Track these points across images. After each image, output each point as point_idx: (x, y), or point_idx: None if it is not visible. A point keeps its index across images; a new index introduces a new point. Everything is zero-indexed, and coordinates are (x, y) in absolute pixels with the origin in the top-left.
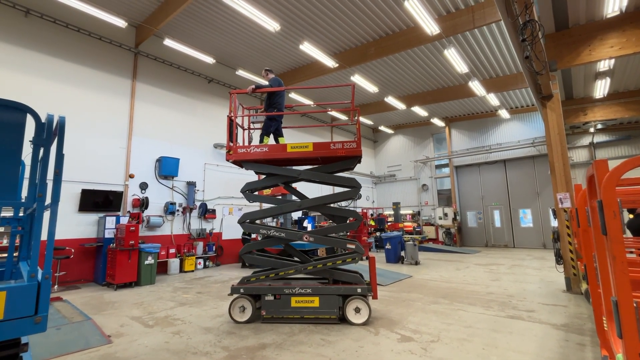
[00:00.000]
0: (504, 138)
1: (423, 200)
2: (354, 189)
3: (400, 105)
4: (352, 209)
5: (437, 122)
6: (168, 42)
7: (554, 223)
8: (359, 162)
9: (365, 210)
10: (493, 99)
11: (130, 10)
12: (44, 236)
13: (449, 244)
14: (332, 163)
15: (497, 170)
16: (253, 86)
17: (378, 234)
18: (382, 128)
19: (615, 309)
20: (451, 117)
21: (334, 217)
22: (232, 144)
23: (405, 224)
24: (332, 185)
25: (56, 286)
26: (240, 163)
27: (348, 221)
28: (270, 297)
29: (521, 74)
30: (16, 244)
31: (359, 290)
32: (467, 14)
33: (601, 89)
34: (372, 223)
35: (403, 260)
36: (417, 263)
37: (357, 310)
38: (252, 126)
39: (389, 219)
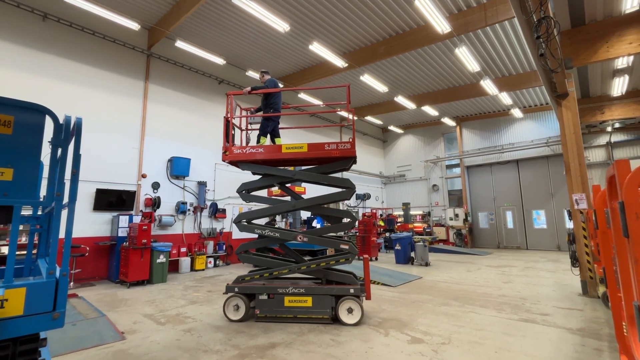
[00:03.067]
0: (517, 137)
1: (433, 201)
2: (348, 189)
3: (410, 105)
4: (361, 208)
5: (448, 121)
6: (179, 44)
7: (569, 225)
8: (355, 162)
9: (374, 211)
10: (505, 98)
11: (143, 13)
12: (61, 234)
13: (459, 245)
14: (327, 163)
15: (510, 170)
16: (249, 88)
17: (388, 234)
18: (391, 128)
19: (637, 314)
20: (462, 117)
21: (329, 217)
22: (228, 145)
23: (415, 224)
24: (329, 185)
25: (72, 283)
26: (237, 163)
27: (344, 221)
28: (264, 297)
29: (535, 72)
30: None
31: (351, 290)
32: (479, 12)
33: (619, 86)
34: (382, 223)
35: (413, 261)
36: (427, 264)
37: (350, 310)
38: (249, 127)
39: (399, 220)
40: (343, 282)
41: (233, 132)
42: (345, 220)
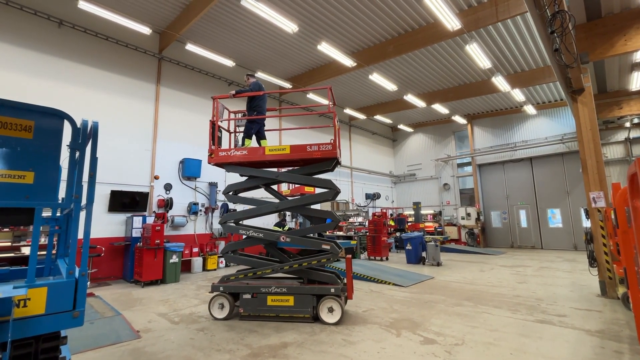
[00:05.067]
0: (530, 135)
1: (445, 200)
2: (330, 190)
3: (420, 103)
4: (370, 208)
5: (459, 119)
6: (190, 47)
7: (586, 223)
8: (339, 163)
9: (384, 210)
10: (518, 95)
11: (154, 17)
12: (79, 235)
13: (472, 244)
14: (310, 165)
15: (523, 168)
16: (233, 91)
17: (398, 234)
18: (401, 126)
19: None
20: (473, 114)
21: (311, 217)
22: (213, 147)
23: (426, 224)
24: (312, 186)
25: (88, 282)
26: (223, 165)
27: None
28: (247, 296)
29: (549, 67)
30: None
31: (332, 290)
32: (490, 7)
33: (638, 81)
34: (392, 223)
35: (424, 261)
36: (439, 264)
37: (331, 310)
38: (237, 130)
39: (410, 219)
40: (325, 281)
41: (219, 134)
42: (328, 221)
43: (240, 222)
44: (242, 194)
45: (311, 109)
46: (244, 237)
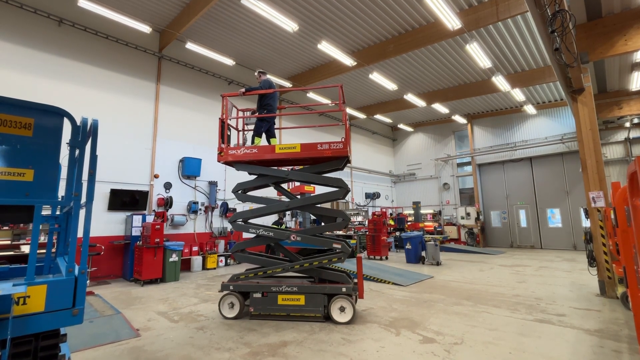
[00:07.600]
0: (530, 134)
1: (444, 200)
2: (341, 188)
3: (420, 103)
4: (370, 207)
5: (459, 119)
6: (190, 46)
7: (586, 223)
8: (349, 162)
9: (384, 210)
10: (518, 94)
11: (155, 16)
12: (79, 233)
13: (471, 244)
14: (320, 163)
15: (523, 168)
16: (243, 89)
17: (398, 233)
18: (401, 126)
19: None
20: (474, 114)
21: (322, 217)
22: (223, 146)
23: (426, 223)
24: (322, 185)
25: (88, 281)
26: (232, 164)
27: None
28: (258, 295)
29: (549, 67)
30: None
31: (343, 289)
32: (491, 7)
33: (638, 81)
34: (392, 222)
35: (424, 260)
36: (438, 263)
37: (342, 309)
38: (246, 128)
39: (409, 219)
40: (336, 280)
41: (229, 132)
42: (339, 220)
43: (249, 221)
44: (243, 194)
45: (313, 108)
46: (255, 236)
